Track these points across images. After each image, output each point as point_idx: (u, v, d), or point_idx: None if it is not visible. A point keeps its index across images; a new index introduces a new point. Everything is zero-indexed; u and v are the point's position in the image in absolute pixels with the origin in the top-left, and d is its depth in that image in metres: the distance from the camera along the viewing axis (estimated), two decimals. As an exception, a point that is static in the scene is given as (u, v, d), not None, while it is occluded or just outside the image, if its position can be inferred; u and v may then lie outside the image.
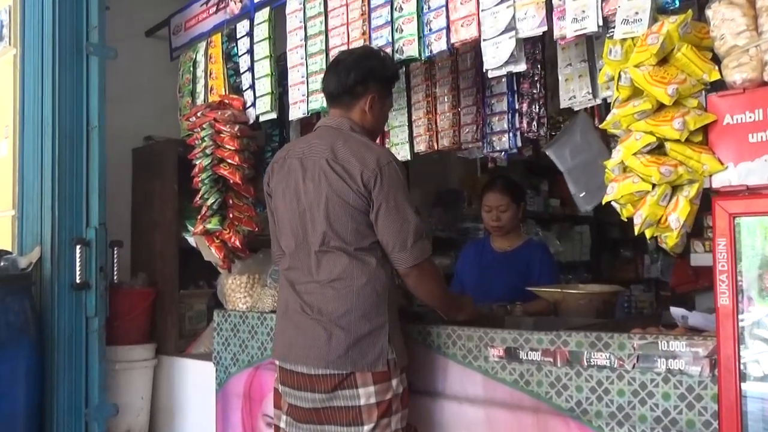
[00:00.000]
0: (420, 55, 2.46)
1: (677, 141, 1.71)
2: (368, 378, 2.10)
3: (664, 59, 1.76)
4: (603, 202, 1.88)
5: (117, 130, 3.81)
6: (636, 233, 1.79)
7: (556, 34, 2.08)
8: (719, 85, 1.74)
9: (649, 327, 2.20)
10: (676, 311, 2.19)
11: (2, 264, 3.02)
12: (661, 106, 1.75)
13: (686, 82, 1.71)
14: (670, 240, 1.76)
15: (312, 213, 2.17)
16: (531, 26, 2.13)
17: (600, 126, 2.00)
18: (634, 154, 1.76)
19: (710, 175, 1.69)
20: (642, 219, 1.76)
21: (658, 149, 1.76)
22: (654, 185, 1.74)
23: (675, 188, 1.75)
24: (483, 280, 3.27)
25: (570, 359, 2.01)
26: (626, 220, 1.84)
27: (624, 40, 1.83)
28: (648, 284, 6.51)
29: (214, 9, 3.44)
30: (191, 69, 3.53)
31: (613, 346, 1.94)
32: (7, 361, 2.89)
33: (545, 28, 2.11)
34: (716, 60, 1.74)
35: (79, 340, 3.17)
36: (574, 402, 2.01)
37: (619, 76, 1.81)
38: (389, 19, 2.55)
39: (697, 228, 3.48)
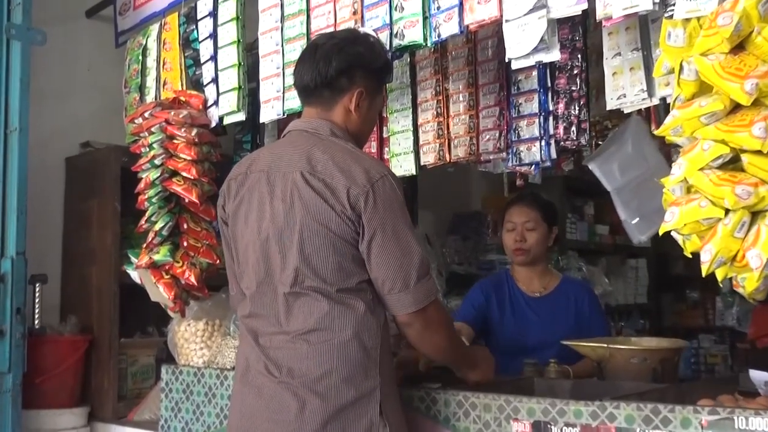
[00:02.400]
0: (425, 40, 2.40)
1: (758, 153, 1.61)
2: None
3: (739, 45, 1.68)
4: (660, 232, 1.78)
5: (47, 135, 3.83)
6: (704, 274, 1.69)
7: (600, 13, 2.01)
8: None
9: (721, 396, 2.11)
10: (757, 376, 2.10)
11: None
12: (736, 107, 1.66)
13: (770, 76, 1.62)
14: (749, 283, 1.66)
15: (282, 243, 2.07)
16: (567, 3, 2.08)
17: (656, 132, 1.91)
18: (701, 169, 1.67)
19: (803, 198, 1.59)
20: (712, 255, 1.65)
21: (732, 163, 1.67)
22: (728, 211, 1.64)
23: (755, 215, 1.65)
24: (515, 332, 3.20)
25: (618, 439, 1.91)
26: (691, 256, 1.74)
27: (687, 20, 1.75)
28: (721, 334, 6.42)
29: (170, -18, 3.40)
30: (140, 58, 3.50)
31: (674, 422, 1.85)
32: None
33: (585, 6, 2.05)
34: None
35: (-13, 402, 3.06)
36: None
37: (681, 68, 1.73)
38: (387, -5, 2.49)
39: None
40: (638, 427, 1.88)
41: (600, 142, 2.91)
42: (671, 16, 1.79)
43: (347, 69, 2.17)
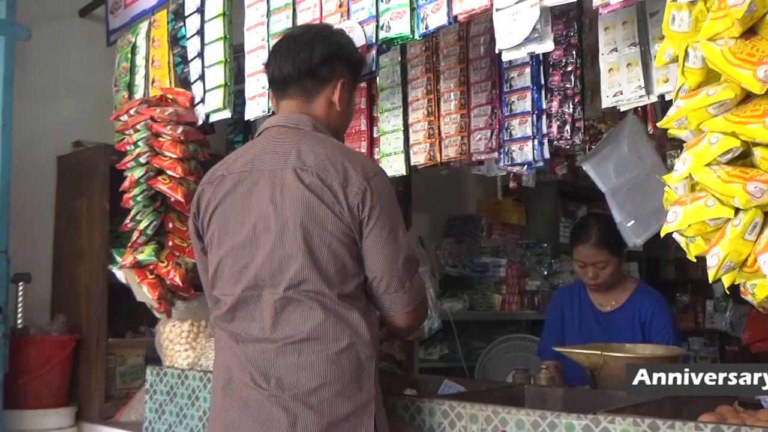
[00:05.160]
0: (412, 31, 2.19)
1: (772, 146, 1.38)
2: None
3: (750, 29, 1.46)
4: (662, 234, 1.54)
5: (39, 133, 3.72)
6: (711, 280, 1.46)
7: (596, 0, 1.77)
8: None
9: (721, 407, 1.90)
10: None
11: None
12: (747, 96, 1.44)
13: (785, 62, 1.38)
14: (760, 291, 1.43)
15: (275, 246, 1.85)
16: (561, -10, 1.84)
17: (658, 124, 1.68)
18: (709, 164, 1.45)
19: (822, 197, 1.36)
20: (719, 260, 1.42)
21: (743, 158, 1.45)
22: (737, 210, 1.41)
23: (768, 215, 1.42)
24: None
25: (612, 456, 1.70)
26: (695, 260, 1.51)
27: (693, 2, 1.52)
28: (711, 337, 6.25)
29: (159, -21, 3.19)
30: (129, 56, 3.32)
31: (674, 439, 1.62)
32: None
33: (580, -9, 1.81)
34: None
35: (-30, 403, 2.85)
36: None
37: (686, 55, 1.51)
38: (373, -15, 2.27)
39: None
40: (633, 444, 1.67)
41: (593, 146, 2.68)
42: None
43: (329, 59, 1.99)
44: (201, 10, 2.89)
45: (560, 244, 5.48)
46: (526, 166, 2.58)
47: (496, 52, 2.01)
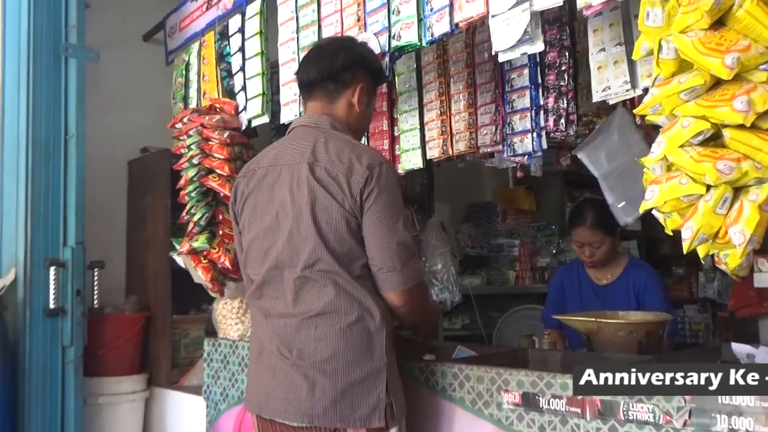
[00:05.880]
0: (420, 39, 2.13)
1: (740, 127, 1.29)
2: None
3: (719, 21, 1.36)
4: (640, 211, 1.46)
5: (113, 142, 3.70)
6: (685, 251, 1.36)
7: (581, 2, 1.69)
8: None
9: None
10: (739, 348, 1.78)
11: (-32, 288, 2.74)
12: (717, 83, 1.34)
13: (751, 50, 1.30)
14: (731, 260, 1.33)
15: (292, 231, 1.81)
16: (549, -4, 1.75)
17: (635, 111, 1.58)
18: (682, 146, 1.36)
19: (787, 172, 1.26)
20: (693, 232, 1.33)
21: (714, 139, 1.35)
22: (709, 187, 1.32)
23: (738, 191, 1.33)
24: None
25: (602, 411, 1.61)
26: (672, 234, 1.42)
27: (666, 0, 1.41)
28: (703, 304, 6.04)
29: (207, 6, 3.15)
30: (184, 72, 3.29)
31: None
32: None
33: (567, -3, 1.72)
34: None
35: (54, 372, 2.85)
36: (606, 468, 1.59)
37: (660, 47, 1.41)
38: (385, 1, 2.21)
39: (763, 243, 3.01)
40: (621, 399, 1.57)
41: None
42: (649, -3, 1.46)
43: (351, 65, 1.94)
44: (242, 30, 2.85)
45: (566, 226, 5.36)
46: (526, 156, 2.48)
47: (493, 53, 1.93)
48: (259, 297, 1.90)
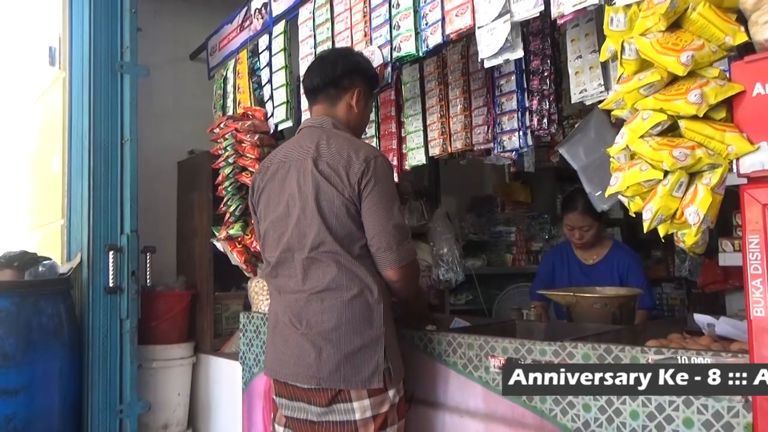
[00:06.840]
0: (417, 50, 2.05)
1: (694, 118, 1.22)
2: (363, 392, 1.71)
3: (676, 23, 1.28)
4: (606, 195, 1.39)
5: (165, 145, 3.70)
6: (645, 230, 1.30)
7: (554, 12, 1.62)
8: (746, 51, 1.23)
9: (671, 334, 1.72)
10: (700, 318, 1.70)
11: (40, 269, 2.75)
12: (674, 79, 1.26)
13: (704, 48, 1.22)
14: (688, 238, 1.26)
15: (300, 218, 1.78)
16: (526, 8, 1.70)
17: (599, 105, 1.51)
18: (642, 136, 1.28)
19: (737, 158, 1.19)
20: (652, 213, 1.26)
21: (671, 130, 1.27)
22: (666, 173, 1.25)
23: (693, 176, 1.25)
24: None
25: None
26: (634, 215, 1.35)
27: (628, 6, 1.34)
28: (679, 282, 5.87)
29: (241, 28, 3.12)
30: (222, 85, 3.25)
31: (625, 360, 1.47)
32: (40, 362, 2.59)
33: (542, 8, 1.67)
34: (742, 21, 1.23)
35: (114, 341, 2.86)
36: (581, 422, 1.53)
37: (623, 49, 1.33)
38: (387, 17, 2.16)
39: (727, 227, 2.90)
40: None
41: (570, 134, 2.49)
42: (613, 3, 1.38)
43: (349, 72, 1.89)
44: (269, 48, 2.81)
45: (557, 216, 5.24)
46: (514, 152, 2.42)
47: (479, 60, 1.87)
48: (274, 276, 1.87)
